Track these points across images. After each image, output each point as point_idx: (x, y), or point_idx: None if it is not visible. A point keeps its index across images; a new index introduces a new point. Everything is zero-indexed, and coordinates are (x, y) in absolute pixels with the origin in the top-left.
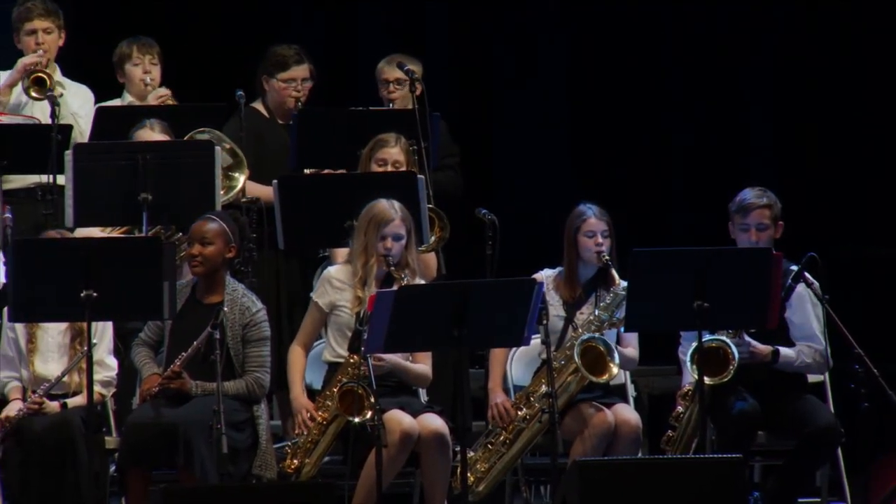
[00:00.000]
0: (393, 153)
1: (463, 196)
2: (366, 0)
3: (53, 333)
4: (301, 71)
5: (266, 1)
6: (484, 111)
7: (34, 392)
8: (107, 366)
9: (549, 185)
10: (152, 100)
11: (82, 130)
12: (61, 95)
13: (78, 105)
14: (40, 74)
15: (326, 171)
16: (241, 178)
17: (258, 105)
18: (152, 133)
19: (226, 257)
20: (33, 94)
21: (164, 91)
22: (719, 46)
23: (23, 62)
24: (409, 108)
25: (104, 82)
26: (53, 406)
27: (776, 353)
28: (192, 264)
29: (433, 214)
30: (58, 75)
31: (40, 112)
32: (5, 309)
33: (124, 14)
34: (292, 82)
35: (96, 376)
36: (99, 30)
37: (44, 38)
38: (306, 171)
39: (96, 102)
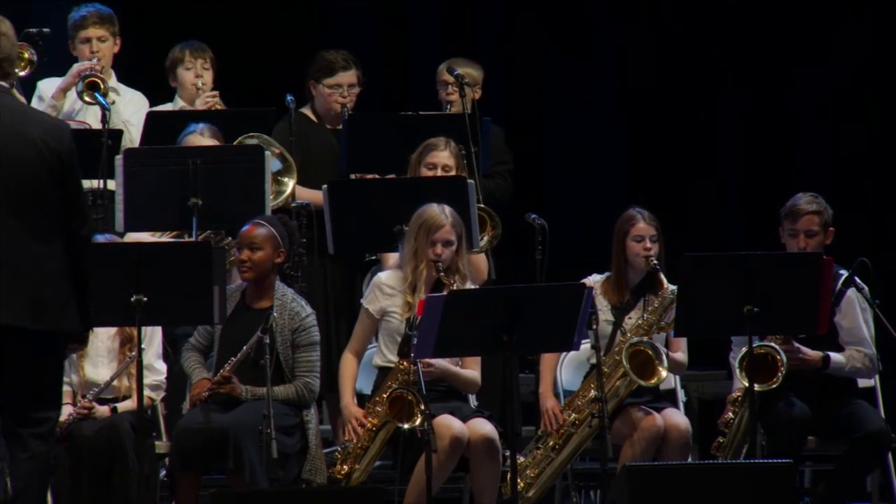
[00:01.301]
0: (442, 157)
1: (513, 201)
2: (417, 4)
3: (103, 338)
4: (348, 77)
5: (318, 5)
6: (535, 115)
7: (84, 397)
8: (156, 370)
9: (598, 189)
10: (200, 104)
11: (133, 138)
12: (113, 102)
13: (130, 112)
14: (94, 79)
15: (371, 175)
16: (290, 183)
17: (306, 110)
18: (202, 138)
19: (275, 262)
20: (87, 98)
21: (212, 94)
22: (772, 50)
23: (77, 67)
24: (460, 112)
25: (157, 86)
26: (103, 410)
27: (826, 359)
28: (241, 270)
29: (484, 214)
30: (113, 81)
31: (93, 117)
32: None
33: (178, 18)
34: (338, 88)
35: (145, 380)
36: (153, 34)
37: (98, 45)
38: (352, 175)
39: (150, 107)
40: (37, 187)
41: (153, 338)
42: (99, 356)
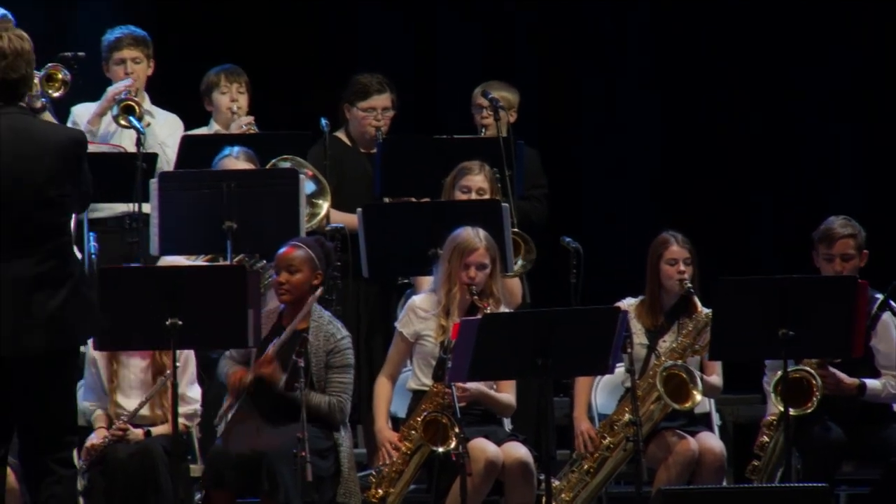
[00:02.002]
0: (477, 181)
1: (548, 224)
2: (451, 27)
3: (135, 371)
4: (382, 100)
5: (353, 29)
6: (571, 139)
7: (118, 419)
8: (190, 399)
9: (633, 213)
10: (235, 128)
11: (169, 160)
12: (148, 125)
13: (166, 134)
14: (130, 102)
15: (405, 199)
16: (324, 206)
17: (340, 134)
18: (237, 162)
19: (312, 284)
20: (122, 122)
21: (247, 119)
22: (804, 73)
23: (111, 91)
24: (494, 135)
25: (193, 110)
26: (137, 433)
27: (862, 386)
28: (279, 292)
29: (518, 238)
30: (147, 104)
31: (128, 140)
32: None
33: (214, 42)
34: (372, 111)
35: (180, 409)
36: (189, 57)
37: (133, 67)
38: (386, 199)
39: (185, 131)
40: (48, 209)
41: (187, 366)
42: (131, 388)
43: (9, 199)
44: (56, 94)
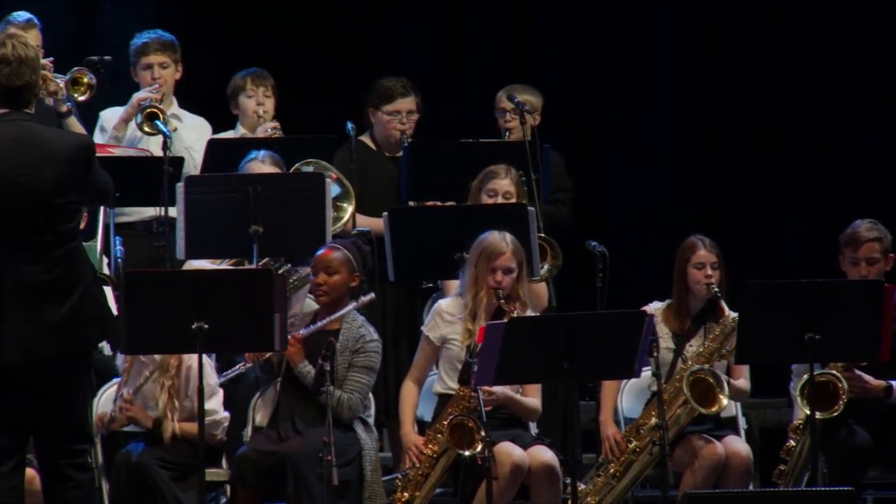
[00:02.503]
0: (503, 184)
1: (573, 229)
2: (476, 31)
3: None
4: (406, 104)
5: (378, 33)
6: (595, 143)
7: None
8: (218, 421)
9: (659, 217)
10: (260, 133)
11: (196, 164)
12: (175, 129)
13: (193, 139)
14: (153, 109)
15: (431, 203)
16: (348, 209)
17: (365, 138)
18: (262, 166)
19: (350, 286)
20: (146, 129)
21: (272, 124)
22: (831, 75)
23: (136, 97)
24: (519, 139)
25: (220, 113)
26: (145, 418)
27: (889, 388)
28: (317, 293)
29: (545, 243)
30: (174, 108)
31: (155, 145)
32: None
33: (240, 45)
34: (397, 115)
35: (214, 430)
36: (215, 61)
37: (160, 72)
38: (411, 203)
39: (213, 134)
40: (54, 215)
41: (214, 396)
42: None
43: (13, 207)
44: (81, 98)
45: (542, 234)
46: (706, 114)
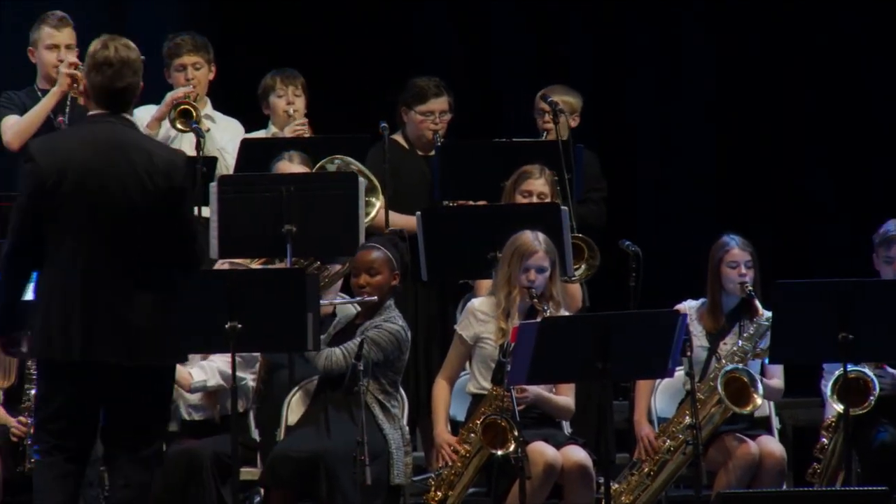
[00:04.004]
0: (537, 185)
1: (606, 228)
2: (507, 30)
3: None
4: (439, 103)
5: (410, 33)
6: (627, 142)
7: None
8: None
9: (692, 216)
10: (289, 132)
11: (228, 165)
12: (208, 130)
13: (226, 140)
14: (186, 106)
15: (464, 202)
16: (376, 203)
17: (398, 137)
18: (291, 165)
19: (391, 285)
20: (179, 125)
21: (301, 123)
22: (865, 72)
23: (170, 96)
24: (553, 139)
25: (252, 113)
26: (186, 378)
27: None
28: (359, 294)
29: (581, 243)
30: (208, 109)
31: (188, 145)
32: None
33: (272, 45)
34: (430, 115)
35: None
36: (247, 61)
37: (193, 73)
38: (444, 202)
39: (245, 133)
40: (138, 222)
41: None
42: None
43: (99, 206)
44: None
45: (579, 235)
46: (738, 111)
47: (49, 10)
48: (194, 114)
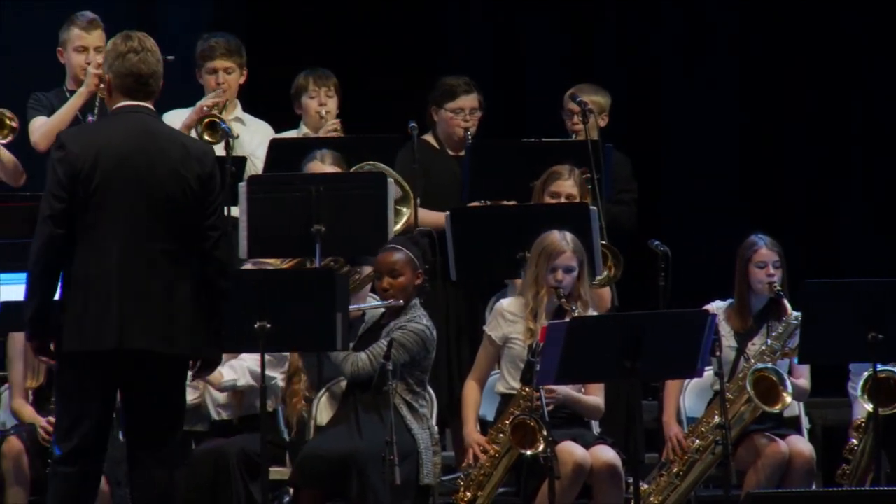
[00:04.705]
0: (567, 186)
1: (635, 228)
2: (536, 29)
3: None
4: (469, 101)
5: (439, 32)
6: (656, 142)
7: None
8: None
9: (721, 215)
10: (322, 134)
11: (258, 170)
12: (237, 136)
13: (256, 144)
14: (212, 119)
15: (485, 202)
16: (406, 212)
17: (428, 136)
18: (323, 165)
19: (415, 285)
20: (207, 137)
21: (333, 124)
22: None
23: (201, 105)
24: (582, 138)
25: (283, 112)
26: (216, 377)
27: None
28: (383, 297)
29: (608, 251)
30: (238, 111)
31: (219, 146)
32: None
33: (303, 45)
34: (460, 112)
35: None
36: (279, 60)
37: (224, 77)
38: (473, 202)
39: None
40: (172, 210)
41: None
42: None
43: (131, 196)
44: None
45: (605, 242)
46: (765, 110)
47: (79, 11)
48: (220, 124)
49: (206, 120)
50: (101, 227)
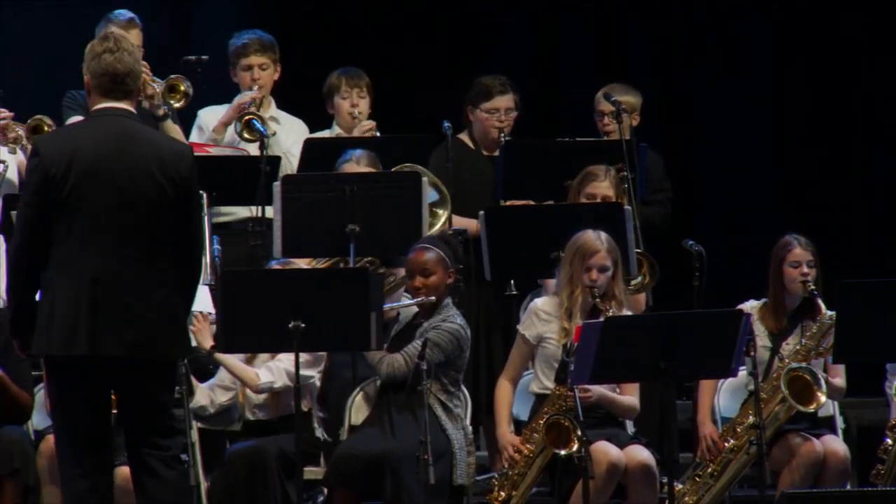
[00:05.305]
0: (602, 187)
1: (670, 228)
2: (571, 30)
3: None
4: (505, 101)
5: (475, 32)
6: (690, 142)
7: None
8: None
9: (755, 215)
10: (357, 133)
11: (293, 168)
12: (274, 133)
13: (291, 142)
14: (251, 116)
15: (527, 202)
16: (443, 215)
17: (464, 136)
18: (357, 167)
19: (447, 284)
20: (246, 135)
21: (369, 124)
22: None
23: (237, 101)
24: (617, 139)
25: (316, 111)
26: (205, 339)
27: None
28: (416, 297)
29: (643, 258)
30: (272, 109)
31: (252, 145)
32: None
33: (337, 44)
34: (496, 112)
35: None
36: (312, 59)
37: (259, 73)
38: (504, 201)
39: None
40: (147, 214)
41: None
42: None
43: (105, 203)
44: (177, 105)
45: (641, 251)
46: (800, 110)
47: (116, 10)
48: (260, 121)
49: (246, 117)
50: (76, 231)
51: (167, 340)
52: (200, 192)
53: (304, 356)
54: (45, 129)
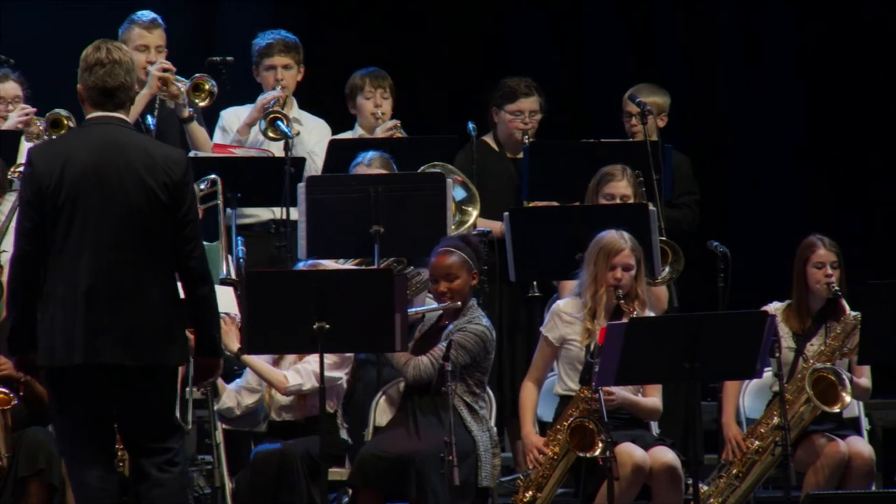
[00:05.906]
0: (620, 187)
1: (697, 231)
2: (597, 31)
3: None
4: (530, 103)
5: (500, 33)
6: (716, 143)
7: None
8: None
9: (780, 216)
10: (380, 133)
11: (317, 168)
12: (298, 134)
13: (314, 142)
14: (276, 115)
15: (551, 203)
16: (473, 213)
17: (488, 138)
18: (368, 169)
19: (471, 285)
20: (271, 134)
21: (392, 123)
22: None
23: (261, 101)
24: (641, 139)
25: (339, 112)
26: (232, 341)
27: None
28: (441, 301)
29: (666, 247)
30: (295, 110)
31: (276, 145)
32: None
33: (360, 44)
34: (520, 114)
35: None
36: (335, 60)
37: (283, 74)
38: (527, 202)
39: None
40: (138, 220)
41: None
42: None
43: (97, 209)
44: (202, 104)
45: (664, 238)
46: (827, 111)
47: (139, 11)
48: (285, 122)
49: (271, 116)
50: (70, 240)
51: (163, 346)
52: (225, 193)
53: (331, 358)
54: (65, 121)
